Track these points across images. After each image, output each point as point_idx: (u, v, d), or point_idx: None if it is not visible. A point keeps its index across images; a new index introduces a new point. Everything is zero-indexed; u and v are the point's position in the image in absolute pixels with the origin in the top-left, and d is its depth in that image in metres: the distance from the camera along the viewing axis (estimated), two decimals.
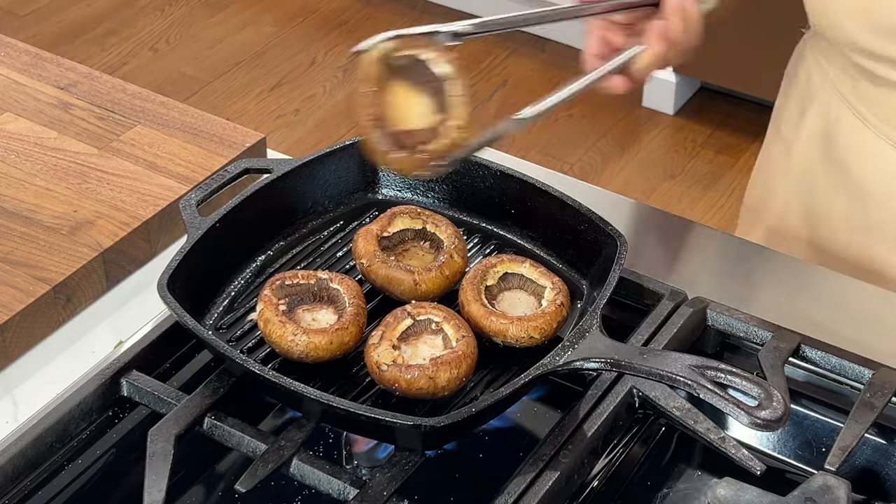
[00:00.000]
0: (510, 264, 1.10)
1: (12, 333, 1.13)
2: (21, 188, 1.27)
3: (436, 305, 1.04)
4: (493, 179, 1.19)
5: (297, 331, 1.01)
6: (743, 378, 0.95)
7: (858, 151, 1.27)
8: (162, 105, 1.39)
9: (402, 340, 1.02)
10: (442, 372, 0.98)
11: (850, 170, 1.28)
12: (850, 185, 1.28)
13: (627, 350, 1.00)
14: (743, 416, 0.92)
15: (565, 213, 1.14)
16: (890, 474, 1.06)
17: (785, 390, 0.98)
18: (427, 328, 1.03)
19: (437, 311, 1.03)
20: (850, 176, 1.28)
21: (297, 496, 1.02)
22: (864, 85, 1.23)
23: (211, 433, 1.02)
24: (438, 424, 0.94)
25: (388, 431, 0.97)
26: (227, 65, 3.44)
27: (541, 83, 3.33)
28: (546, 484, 0.96)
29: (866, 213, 1.28)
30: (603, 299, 1.04)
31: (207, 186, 1.15)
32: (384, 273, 1.08)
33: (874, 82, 1.22)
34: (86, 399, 1.03)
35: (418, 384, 0.98)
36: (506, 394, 0.96)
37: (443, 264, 1.09)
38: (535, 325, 1.04)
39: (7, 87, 1.41)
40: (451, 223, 1.13)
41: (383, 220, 1.12)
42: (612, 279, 1.05)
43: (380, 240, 1.10)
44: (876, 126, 1.24)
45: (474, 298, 1.06)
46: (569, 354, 1.00)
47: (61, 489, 1.03)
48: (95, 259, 1.19)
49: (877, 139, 1.24)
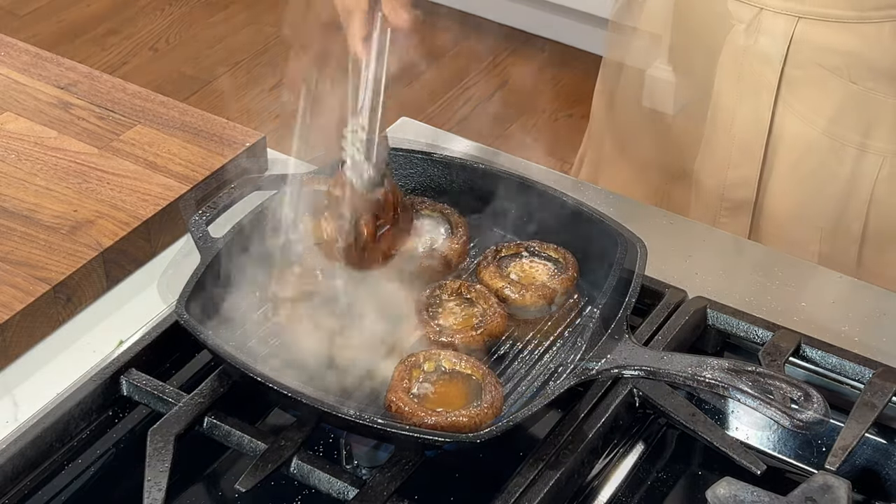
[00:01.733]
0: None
1: (12, 333, 1.13)
2: (21, 188, 1.27)
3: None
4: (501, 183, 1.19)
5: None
6: (780, 380, 0.95)
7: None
8: (162, 105, 1.39)
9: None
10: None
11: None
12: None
13: (660, 357, 1.00)
14: (785, 419, 0.93)
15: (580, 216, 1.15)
16: (890, 474, 1.06)
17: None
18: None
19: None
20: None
21: (297, 496, 1.02)
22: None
23: (211, 433, 1.02)
24: (477, 440, 0.94)
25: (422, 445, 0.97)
26: (227, 65, 3.44)
27: (541, 83, 3.33)
28: (546, 484, 0.96)
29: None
30: (628, 308, 1.05)
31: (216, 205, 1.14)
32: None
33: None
34: (86, 399, 1.03)
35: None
36: (541, 405, 0.97)
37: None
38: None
39: (7, 87, 1.41)
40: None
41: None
42: (635, 286, 1.06)
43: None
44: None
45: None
46: (602, 363, 1.00)
47: (61, 489, 1.02)
48: (95, 259, 1.19)
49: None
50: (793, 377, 0.97)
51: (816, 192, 1.36)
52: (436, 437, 0.94)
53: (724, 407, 1.11)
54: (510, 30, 3.49)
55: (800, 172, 1.36)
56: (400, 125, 1.41)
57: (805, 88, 1.32)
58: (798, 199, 1.37)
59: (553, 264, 1.14)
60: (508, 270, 1.14)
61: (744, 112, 1.34)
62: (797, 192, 1.37)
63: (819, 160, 1.35)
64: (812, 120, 1.33)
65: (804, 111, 1.33)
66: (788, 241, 1.39)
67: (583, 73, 3.34)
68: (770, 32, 1.30)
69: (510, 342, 1.10)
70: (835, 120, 1.32)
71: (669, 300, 1.13)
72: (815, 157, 1.34)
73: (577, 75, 3.37)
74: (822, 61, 1.29)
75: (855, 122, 1.32)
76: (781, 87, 1.32)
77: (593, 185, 1.38)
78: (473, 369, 1.03)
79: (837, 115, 1.32)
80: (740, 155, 1.36)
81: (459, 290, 1.11)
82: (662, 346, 1.07)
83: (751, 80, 1.32)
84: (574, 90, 3.32)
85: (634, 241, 1.10)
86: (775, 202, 1.38)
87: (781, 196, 1.38)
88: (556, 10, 3.43)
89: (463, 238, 1.16)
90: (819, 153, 1.34)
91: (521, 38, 3.48)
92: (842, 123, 1.32)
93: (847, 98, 1.31)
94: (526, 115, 3.24)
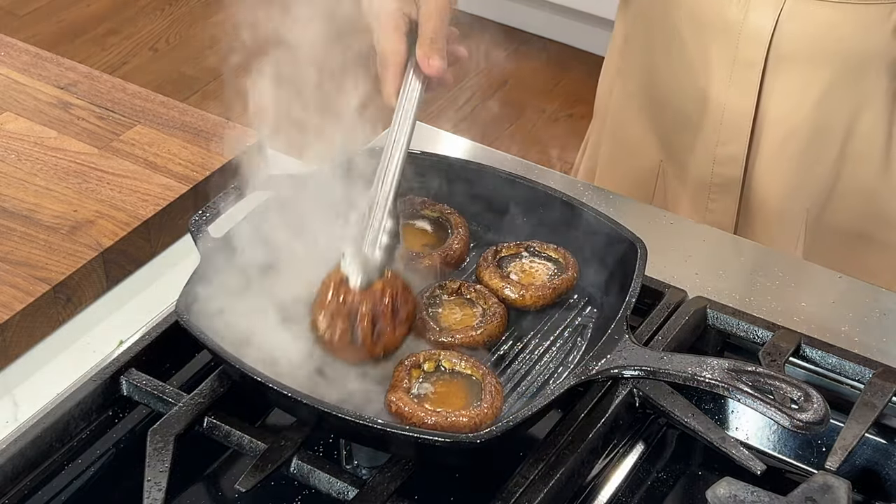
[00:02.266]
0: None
1: (12, 333, 1.13)
2: (21, 188, 1.27)
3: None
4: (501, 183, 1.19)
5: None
6: (780, 380, 0.95)
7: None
8: (162, 105, 1.39)
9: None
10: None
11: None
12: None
13: (659, 357, 1.00)
14: (784, 419, 0.93)
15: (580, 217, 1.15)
16: (890, 474, 1.06)
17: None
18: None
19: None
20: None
21: (297, 496, 1.02)
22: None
23: (211, 433, 1.01)
24: (477, 440, 0.94)
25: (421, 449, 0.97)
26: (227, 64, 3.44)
27: (541, 83, 3.33)
28: (546, 484, 0.96)
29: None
30: (628, 308, 1.05)
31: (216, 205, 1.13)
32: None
33: None
34: (86, 399, 1.03)
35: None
36: (542, 406, 0.97)
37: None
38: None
39: (7, 87, 1.41)
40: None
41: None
42: (635, 286, 1.06)
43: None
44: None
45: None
46: (602, 363, 1.00)
47: (61, 489, 1.02)
48: (95, 259, 1.19)
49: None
50: (793, 377, 0.97)
51: (803, 172, 1.37)
52: (436, 437, 0.94)
53: (724, 407, 1.11)
54: (510, 30, 3.49)
55: (787, 152, 1.36)
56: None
57: (792, 68, 1.32)
58: (785, 179, 1.38)
59: (553, 264, 1.14)
60: (508, 270, 1.14)
61: (732, 89, 1.35)
62: (784, 172, 1.38)
63: (806, 141, 1.35)
64: (798, 100, 1.33)
65: (791, 91, 1.33)
66: (776, 219, 1.40)
67: (583, 73, 3.35)
68: (759, 8, 1.30)
69: (510, 342, 1.10)
70: (821, 101, 1.32)
71: (669, 300, 1.13)
72: (803, 138, 1.35)
73: (577, 75, 3.37)
74: (810, 41, 1.30)
75: (841, 105, 1.33)
76: (768, 64, 1.32)
77: (593, 185, 1.38)
78: (473, 369, 1.03)
79: (824, 96, 1.32)
80: (728, 132, 1.37)
81: (459, 290, 1.11)
82: (662, 346, 1.07)
83: (739, 56, 1.33)
84: (574, 90, 3.32)
85: (634, 241, 1.10)
86: (763, 181, 1.39)
87: (768, 175, 1.38)
88: (556, 10, 3.43)
89: (463, 238, 1.16)
90: (806, 134, 1.35)
91: (521, 38, 3.48)
92: (828, 105, 1.33)
93: (834, 79, 1.31)
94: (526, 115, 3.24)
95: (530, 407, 0.96)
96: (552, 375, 1.06)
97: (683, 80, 1.39)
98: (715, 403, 1.11)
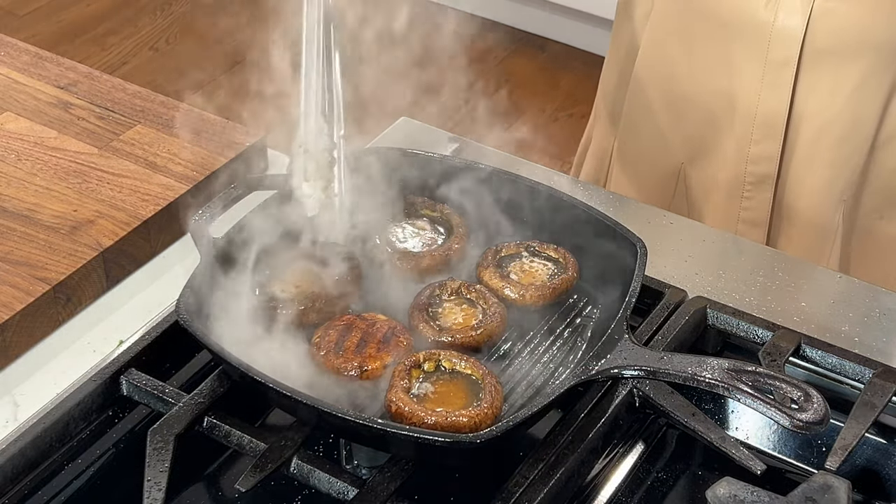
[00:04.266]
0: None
1: (12, 333, 1.13)
2: (21, 188, 1.27)
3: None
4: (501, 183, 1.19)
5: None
6: (780, 380, 0.95)
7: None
8: (162, 105, 1.39)
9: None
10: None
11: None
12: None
13: (659, 357, 1.00)
14: (784, 419, 0.93)
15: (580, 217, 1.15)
16: (890, 474, 1.06)
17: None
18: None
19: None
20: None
21: (297, 496, 1.02)
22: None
23: (211, 433, 1.01)
24: (477, 440, 0.94)
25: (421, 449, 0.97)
26: (227, 64, 3.44)
27: (541, 83, 3.33)
28: (546, 484, 0.96)
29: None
30: (629, 308, 1.05)
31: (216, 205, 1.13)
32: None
33: None
34: (86, 399, 1.03)
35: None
36: (542, 406, 0.97)
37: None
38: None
39: (7, 87, 1.41)
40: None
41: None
42: (635, 286, 1.06)
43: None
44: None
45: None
46: (602, 363, 1.00)
47: (61, 489, 1.02)
48: (95, 259, 1.19)
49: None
50: (793, 377, 0.97)
51: (839, 164, 1.38)
52: (436, 437, 0.94)
53: (724, 407, 1.11)
54: (510, 30, 3.49)
55: (822, 145, 1.37)
56: (400, 125, 1.41)
57: (825, 63, 1.32)
58: (820, 172, 1.38)
59: (553, 264, 1.14)
60: (508, 270, 1.14)
61: (764, 88, 1.35)
62: (819, 165, 1.38)
63: (841, 133, 1.36)
64: (833, 94, 1.34)
65: (825, 86, 1.34)
66: (813, 212, 1.40)
67: (583, 73, 3.35)
68: (789, 8, 1.30)
69: (510, 342, 1.10)
70: (855, 93, 1.33)
71: (669, 300, 1.13)
72: (837, 130, 1.36)
73: (577, 75, 3.37)
74: (842, 36, 1.30)
75: (875, 94, 1.33)
76: (802, 62, 1.33)
77: (593, 185, 1.39)
78: (473, 369, 1.03)
79: (858, 88, 1.33)
80: (762, 131, 1.37)
81: (459, 290, 1.11)
82: (662, 346, 1.07)
83: (771, 56, 1.33)
84: (574, 90, 3.32)
85: (634, 241, 1.10)
86: (798, 175, 1.39)
87: (804, 169, 1.39)
88: (556, 10, 3.43)
89: (463, 238, 1.16)
90: (840, 126, 1.36)
91: (521, 38, 3.48)
92: (862, 96, 1.33)
93: (867, 71, 1.32)
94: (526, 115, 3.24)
95: (530, 407, 0.96)
96: (552, 375, 1.06)
97: (709, 82, 1.39)
98: (715, 403, 1.11)
